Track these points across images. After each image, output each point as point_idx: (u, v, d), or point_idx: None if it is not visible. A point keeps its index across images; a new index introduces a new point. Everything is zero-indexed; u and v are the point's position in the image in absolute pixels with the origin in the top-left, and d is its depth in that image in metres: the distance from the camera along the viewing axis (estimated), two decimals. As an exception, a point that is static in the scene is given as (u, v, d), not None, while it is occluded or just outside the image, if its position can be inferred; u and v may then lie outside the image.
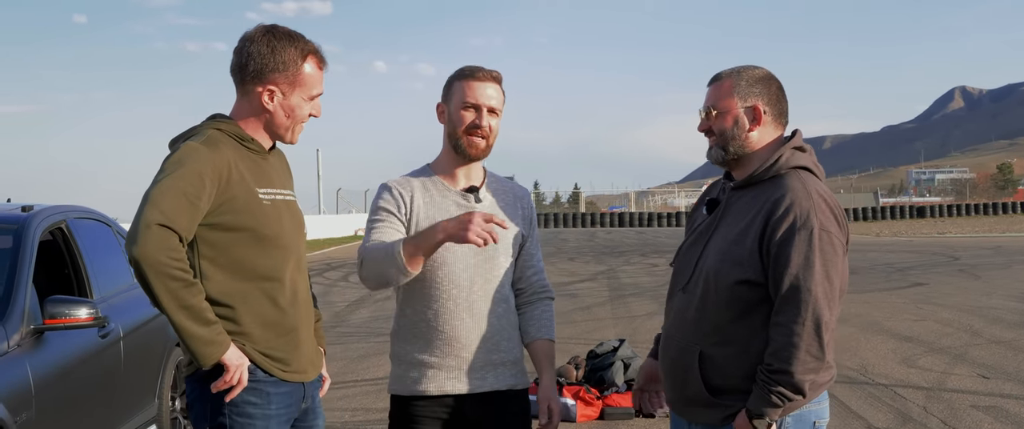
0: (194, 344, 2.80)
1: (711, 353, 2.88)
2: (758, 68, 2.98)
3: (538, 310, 3.39)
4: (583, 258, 25.78)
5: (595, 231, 48.46)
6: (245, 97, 3.04)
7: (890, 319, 12.22)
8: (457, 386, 3.21)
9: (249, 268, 2.93)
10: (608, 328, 11.77)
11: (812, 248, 2.74)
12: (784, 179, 2.86)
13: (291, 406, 3.06)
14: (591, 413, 7.19)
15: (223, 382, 2.87)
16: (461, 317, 3.21)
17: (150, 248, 2.71)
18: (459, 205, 3.27)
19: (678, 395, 3.00)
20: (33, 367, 4.50)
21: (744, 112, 2.92)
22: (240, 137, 3.00)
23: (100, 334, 5.19)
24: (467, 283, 3.21)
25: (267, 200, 2.99)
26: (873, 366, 9.09)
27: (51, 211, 5.47)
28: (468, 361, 3.21)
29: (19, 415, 4.27)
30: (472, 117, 3.24)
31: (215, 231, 2.88)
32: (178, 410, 6.25)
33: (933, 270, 19.76)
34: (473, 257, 3.22)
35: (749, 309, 2.82)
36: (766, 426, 2.78)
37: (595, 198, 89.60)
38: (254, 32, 3.02)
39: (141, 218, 2.74)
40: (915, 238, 35.47)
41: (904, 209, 62.90)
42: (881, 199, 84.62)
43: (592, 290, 16.80)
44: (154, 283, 2.73)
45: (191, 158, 2.84)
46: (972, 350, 9.89)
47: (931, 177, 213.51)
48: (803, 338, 2.71)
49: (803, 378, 2.72)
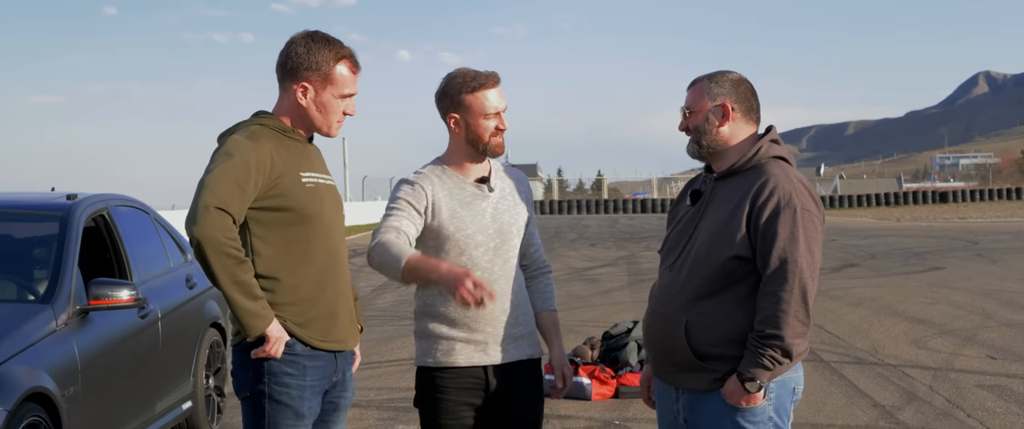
0: (243, 316, 3.14)
1: (697, 321, 3.16)
2: (731, 72, 3.31)
3: (542, 284, 3.71)
4: (604, 243, 25.95)
5: (617, 218, 48.55)
6: (285, 93, 3.38)
7: (904, 302, 12.38)
8: (483, 358, 3.49)
9: (294, 245, 3.28)
10: (626, 311, 11.98)
11: (796, 225, 3.06)
12: (765, 167, 3.18)
13: (324, 378, 3.38)
14: (606, 392, 7.45)
15: (263, 350, 3.20)
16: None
17: (208, 228, 3.05)
18: (474, 195, 3.53)
19: (665, 363, 3.28)
20: (79, 345, 4.81)
21: (713, 110, 3.24)
22: (282, 130, 3.34)
23: (140, 315, 5.49)
24: (488, 264, 3.48)
25: (310, 183, 3.33)
26: (883, 347, 9.29)
27: (94, 199, 5.77)
28: (493, 335, 3.49)
29: (66, 389, 4.58)
30: (495, 123, 3.49)
31: (265, 213, 3.23)
32: (212, 388, 6.56)
33: (951, 254, 19.81)
34: (491, 242, 3.51)
35: (734, 281, 3.13)
36: (756, 388, 3.08)
37: (618, 185, 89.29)
38: (298, 36, 3.36)
39: (199, 202, 3.08)
40: (936, 223, 35.44)
41: (927, 194, 62.54)
42: (904, 184, 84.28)
43: (611, 275, 17.05)
44: (211, 259, 3.07)
45: (237, 150, 3.19)
46: (983, 332, 10.06)
47: (955, 162, 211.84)
48: (791, 305, 3.02)
49: (792, 341, 3.03)
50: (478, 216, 3.51)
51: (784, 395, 3.18)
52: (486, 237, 3.50)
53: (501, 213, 3.55)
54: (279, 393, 3.26)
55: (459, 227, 3.47)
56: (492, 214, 3.53)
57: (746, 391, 3.08)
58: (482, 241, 3.49)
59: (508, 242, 3.55)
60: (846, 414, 6.84)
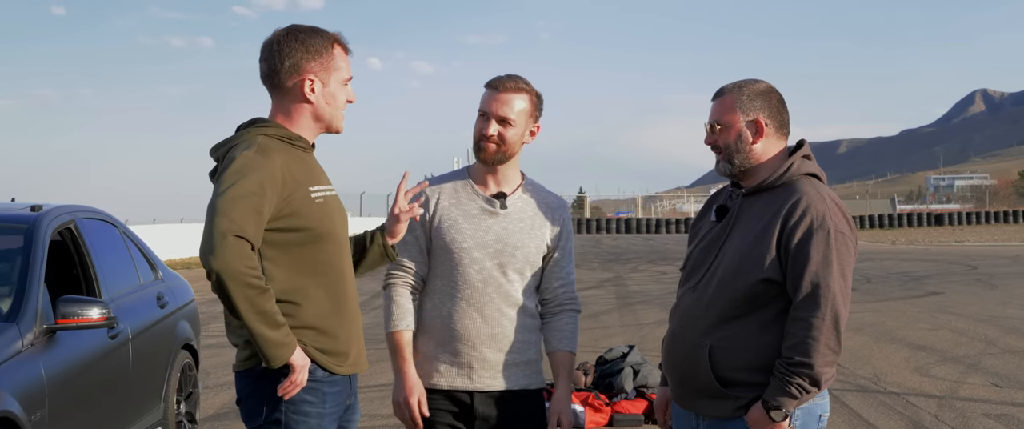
0: (267, 347, 2.87)
1: (721, 346, 2.99)
2: (760, 82, 3.12)
3: (561, 321, 3.47)
4: (589, 265, 25.63)
5: (601, 237, 48.35)
6: (285, 96, 3.10)
7: (904, 328, 12.17)
8: (466, 383, 3.36)
9: (308, 266, 3.02)
10: (616, 335, 11.76)
11: (830, 248, 2.89)
12: (796, 185, 3.01)
13: (340, 404, 3.15)
14: (600, 420, 7.19)
15: (290, 382, 2.95)
16: (472, 316, 3.35)
17: (229, 259, 2.78)
18: (483, 209, 3.40)
19: (686, 388, 3.09)
20: (46, 367, 4.52)
21: (747, 126, 3.06)
22: (287, 137, 3.07)
23: (110, 335, 5.22)
24: (480, 285, 3.35)
25: (319, 198, 3.07)
26: (886, 375, 9.06)
27: (60, 211, 5.48)
28: (478, 359, 3.36)
29: (33, 414, 4.30)
30: (482, 125, 3.39)
31: (277, 234, 2.96)
32: (183, 413, 6.28)
33: (950, 279, 19.65)
34: (488, 261, 3.35)
35: (762, 305, 2.96)
36: (782, 417, 2.91)
37: (600, 203, 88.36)
38: (279, 33, 3.11)
39: (215, 229, 2.80)
40: (932, 246, 35.31)
41: (922, 216, 62.56)
42: (898, 206, 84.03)
43: (599, 297, 16.72)
44: (234, 292, 2.80)
45: (250, 168, 2.90)
46: (986, 359, 9.85)
47: (950, 183, 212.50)
48: (822, 332, 2.85)
49: (822, 370, 2.86)
50: (480, 232, 3.37)
51: (810, 422, 3.01)
52: (483, 254, 3.35)
53: (509, 234, 3.38)
54: (297, 423, 3.01)
55: (455, 239, 3.36)
56: (498, 233, 3.37)
57: (771, 420, 2.92)
58: (478, 258, 3.35)
59: (509, 265, 3.37)
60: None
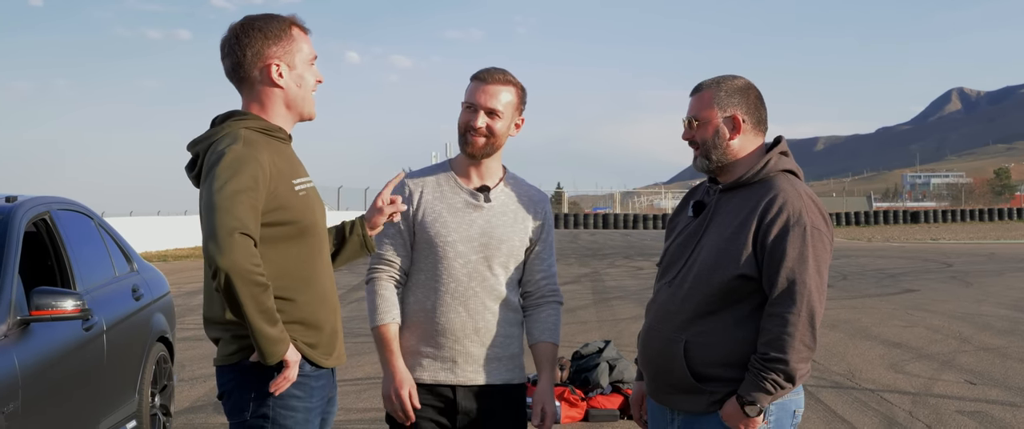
0: (265, 344, 2.84)
1: (696, 342, 3.00)
2: (738, 78, 3.12)
3: (544, 313, 3.48)
4: (566, 260, 25.68)
5: (578, 233, 48.37)
6: (254, 87, 3.07)
7: (879, 325, 12.24)
8: (449, 377, 3.34)
9: (295, 260, 3.00)
10: (593, 331, 11.78)
11: (806, 244, 2.90)
12: (773, 181, 3.01)
13: (325, 397, 3.14)
14: (575, 415, 7.19)
15: (284, 378, 2.92)
16: (457, 310, 3.34)
17: (236, 257, 2.73)
18: (467, 203, 3.39)
19: (661, 383, 3.10)
20: (20, 359, 4.46)
21: (724, 122, 3.07)
22: (267, 130, 3.04)
23: (84, 327, 5.17)
24: (465, 279, 3.33)
25: (301, 191, 3.04)
26: (860, 371, 9.10)
27: (35, 202, 5.43)
28: (461, 354, 3.35)
29: (6, 406, 4.24)
30: (468, 117, 3.37)
31: (266, 228, 2.93)
32: (157, 406, 6.24)
33: (925, 276, 19.78)
34: (473, 255, 3.34)
35: (738, 301, 2.96)
36: (757, 412, 2.92)
37: (578, 198, 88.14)
38: (233, 29, 3.07)
39: (219, 227, 2.74)
40: (908, 244, 35.52)
41: (898, 214, 62.95)
42: (875, 203, 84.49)
43: (576, 293, 16.76)
44: (241, 291, 2.75)
45: (241, 162, 2.87)
46: (960, 356, 9.91)
47: (926, 181, 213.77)
48: (798, 328, 2.86)
49: (797, 366, 2.87)
50: (465, 225, 3.36)
51: (784, 418, 3.02)
52: (468, 248, 3.35)
53: (494, 227, 3.38)
54: (284, 417, 2.98)
55: (440, 232, 3.35)
56: (482, 226, 3.37)
57: (745, 415, 2.93)
58: (463, 251, 3.34)
59: (494, 259, 3.37)
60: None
